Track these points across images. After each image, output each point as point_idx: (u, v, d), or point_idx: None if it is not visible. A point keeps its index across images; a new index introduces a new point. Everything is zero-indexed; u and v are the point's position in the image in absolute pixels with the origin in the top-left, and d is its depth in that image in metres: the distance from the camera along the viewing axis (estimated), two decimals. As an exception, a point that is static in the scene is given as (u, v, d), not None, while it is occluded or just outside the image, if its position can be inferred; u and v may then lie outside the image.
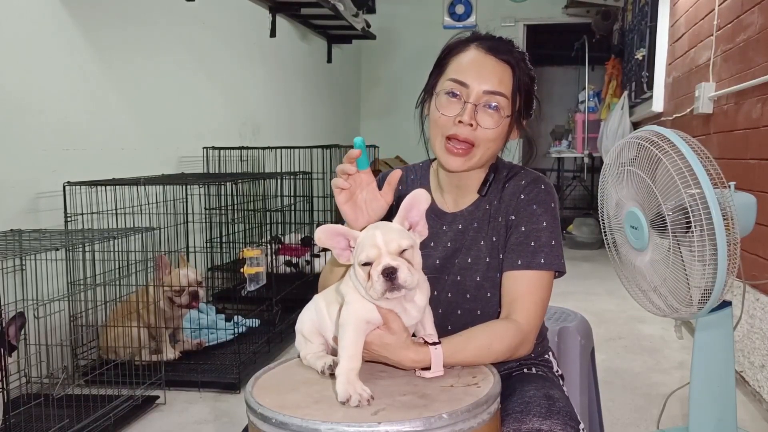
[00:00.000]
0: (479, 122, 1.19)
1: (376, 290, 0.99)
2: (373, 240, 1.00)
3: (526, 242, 1.20)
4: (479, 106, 1.19)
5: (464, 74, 1.19)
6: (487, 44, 1.21)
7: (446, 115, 1.20)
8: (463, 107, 1.19)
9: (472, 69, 1.20)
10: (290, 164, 4.08)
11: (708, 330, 1.67)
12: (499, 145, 1.24)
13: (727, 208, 1.47)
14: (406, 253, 1.01)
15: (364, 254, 1.00)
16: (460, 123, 1.18)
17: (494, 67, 1.19)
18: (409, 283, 0.99)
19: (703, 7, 3.31)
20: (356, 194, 1.15)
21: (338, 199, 1.14)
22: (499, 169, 1.29)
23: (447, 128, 1.20)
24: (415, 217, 1.07)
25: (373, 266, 0.99)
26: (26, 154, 2.49)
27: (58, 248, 2.08)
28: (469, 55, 1.21)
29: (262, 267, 2.75)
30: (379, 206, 1.15)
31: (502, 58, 1.20)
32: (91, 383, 2.26)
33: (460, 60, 1.22)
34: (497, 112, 1.19)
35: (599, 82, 6.33)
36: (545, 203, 1.23)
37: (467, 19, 6.78)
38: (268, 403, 0.98)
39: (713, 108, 3.05)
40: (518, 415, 1.08)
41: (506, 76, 1.20)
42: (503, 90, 1.19)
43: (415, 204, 1.06)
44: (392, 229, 1.03)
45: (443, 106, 1.21)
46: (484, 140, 1.20)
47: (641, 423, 2.26)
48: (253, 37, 4.48)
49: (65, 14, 2.67)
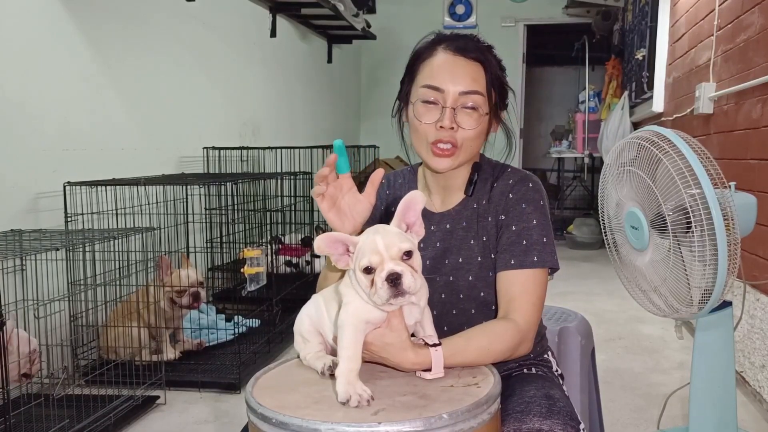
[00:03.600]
0: (459, 124, 1.20)
1: (381, 297, 0.98)
2: (374, 246, 1.00)
3: (517, 241, 1.20)
4: (457, 108, 1.19)
5: (437, 79, 1.20)
6: (454, 45, 1.22)
7: (426, 122, 1.21)
8: (441, 112, 1.19)
9: (444, 72, 1.20)
10: (290, 164, 4.08)
11: (708, 330, 1.67)
12: (482, 141, 1.26)
13: (728, 208, 1.47)
14: (408, 257, 1.01)
15: (365, 260, 0.99)
16: (441, 128, 1.19)
17: (466, 67, 1.20)
18: (413, 288, 0.99)
19: (703, 7, 3.31)
20: (339, 200, 1.14)
21: (321, 207, 1.14)
22: (483, 168, 1.29)
23: (430, 134, 1.21)
24: (411, 218, 1.07)
25: (377, 272, 0.99)
26: (26, 154, 2.49)
27: (58, 248, 2.08)
28: (438, 59, 1.22)
29: (263, 267, 2.76)
30: (363, 208, 1.15)
31: (472, 56, 1.20)
32: (91, 383, 2.26)
33: (430, 65, 1.22)
34: (475, 111, 1.20)
35: (599, 82, 6.34)
36: (534, 201, 1.23)
37: (467, 19, 6.78)
38: (268, 404, 0.98)
39: (713, 108, 3.05)
40: (519, 414, 1.08)
41: (479, 74, 1.20)
42: (478, 88, 1.20)
43: (411, 205, 1.06)
44: (391, 232, 1.03)
45: (422, 114, 1.21)
46: (466, 140, 1.21)
47: (641, 423, 2.26)
48: (253, 37, 4.48)
49: (65, 14, 2.68)
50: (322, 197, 1.13)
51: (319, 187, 1.12)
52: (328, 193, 1.13)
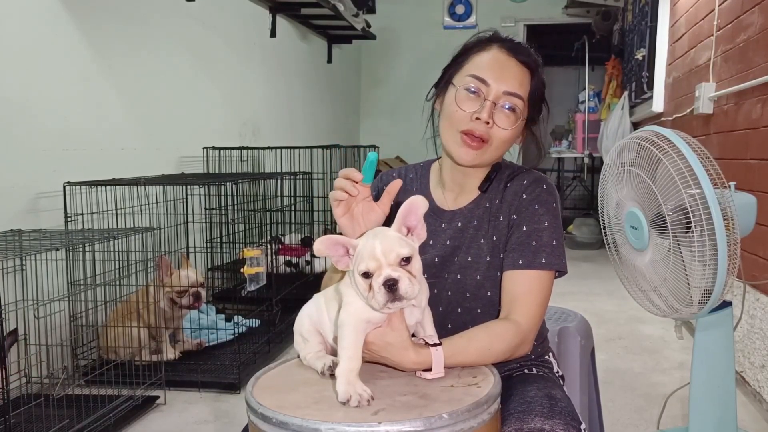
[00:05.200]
0: (496, 121, 1.20)
1: (378, 301, 0.99)
2: (372, 251, 1.00)
3: (527, 242, 1.20)
4: (497, 105, 1.19)
5: (485, 72, 1.20)
6: (508, 45, 1.23)
7: (464, 110, 1.20)
8: (482, 104, 1.19)
9: (494, 68, 1.20)
10: (290, 164, 4.08)
11: (708, 330, 1.67)
12: (508, 146, 1.25)
13: (727, 208, 1.47)
14: (406, 263, 1.01)
15: (363, 265, 1.00)
16: (477, 120, 1.19)
17: (515, 69, 1.21)
18: (410, 293, 0.99)
19: (703, 7, 3.31)
20: (353, 207, 1.15)
21: (336, 212, 1.14)
22: (502, 168, 1.29)
23: (462, 123, 1.20)
24: (412, 221, 1.06)
25: (374, 278, 0.99)
26: (26, 154, 2.49)
27: (58, 248, 2.08)
28: (490, 54, 1.22)
29: (262, 267, 2.75)
30: (376, 216, 1.15)
31: (524, 60, 1.21)
32: (91, 383, 2.26)
33: (481, 58, 1.22)
34: (513, 113, 1.20)
35: (599, 82, 6.33)
36: (547, 203, 1.23)
37: (467, 19, 6.78)
38: (268, 403, 0.98)
39: (713, 108, 3.05)
40: (520, 414, 1.08)
41: (526, 79, 1.21)
42: (522, 92, 1.20)
43: (412, 210, 1.05)
44: (390, 237, 1.02)
45: (462, 101, 1.21)
46: (497, 139, 1.21)
47: (641, 423, 2.26)
48: (253, 37, 4.48)
49: (65, 14, 2.67)
50: (338, 202, 1.13)
51: (339, 194, 1.12)
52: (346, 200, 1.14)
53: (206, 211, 3.47)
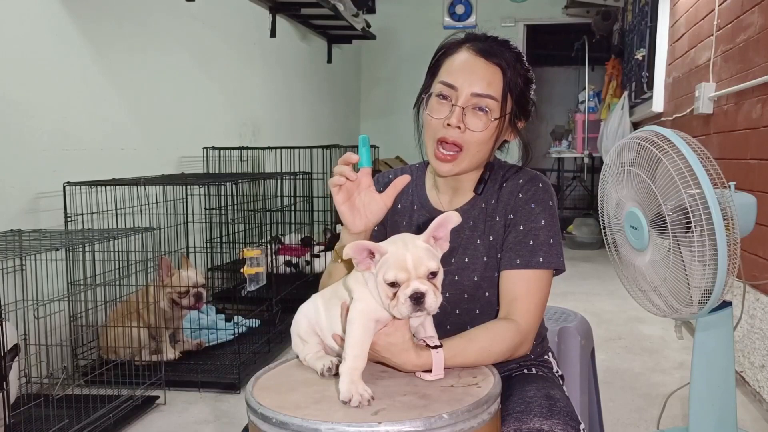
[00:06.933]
0: (467, 125, 1.18)
1: (401, 312, 0.99)
2: (403, 262, 1.00)
3: (524, 241, 1.20)
4: (467, 108, 1.18)
5: (454, 76, 1.19)
6: (478, 46, 1.21)
7: (435, 117, 1.20)
8: (451, 110, 1.18)
9: (462, 71, 1.19)
10: (290, 164, 4.08)
11: (708, 330, 1.67)
12: (489, 148, 1.23)
13: (727, 208, 1.47)
14: (433, 276, 1.01)
15: (392, 273, 0.99)
16: (448, 126, 1.18)
17: (484, 70, 1.19)
18: (434, 307, 1.00)
19: (703, 7, 3.31)
20: (354, 196, 1.14)
21: (336, 199, 1.13)
22: (495, 168, 1.28)
23: (437, 131, 1.20)
24: (441, 233, 1.06)
25: (401, 288, 0.99)
26: (26, 154, 2.48)
27: (58, 248, 2.08)
28: (459, 57, 1.21)
29: (262, 267, 2.75)
30: (378, 209, 1.15)
31: (493, 60, 1.19)
32: (91, 383, 2.26)
33: (451, 62, 1.22)
34: (486, 114, 1.19)
35: (599, 82, 6.34)
36: (543, 202, 1.22)
37: (467, 19, 6.78)
38: (268, 403, 0.98)
39: (713, 108, 3.05)
40: (519, 414, 1.09)
41: (496, 79, 1.19)
42: (492, 92, 1.18)
43: (444, 223, 1.05)
44: (421, 248, 1.02)
45: (433, 109, 1.21)
46: (472, 143, 1.19)
47: (641, 423, 2.26)
48: (253, 37, 4.48)
49: (65, 14, 2.67)
50: (338, 188, 1.12)
51: (338, 178, 1.12)
52: (345, 186, 1.13)
53: (206, 211, 3.47)
